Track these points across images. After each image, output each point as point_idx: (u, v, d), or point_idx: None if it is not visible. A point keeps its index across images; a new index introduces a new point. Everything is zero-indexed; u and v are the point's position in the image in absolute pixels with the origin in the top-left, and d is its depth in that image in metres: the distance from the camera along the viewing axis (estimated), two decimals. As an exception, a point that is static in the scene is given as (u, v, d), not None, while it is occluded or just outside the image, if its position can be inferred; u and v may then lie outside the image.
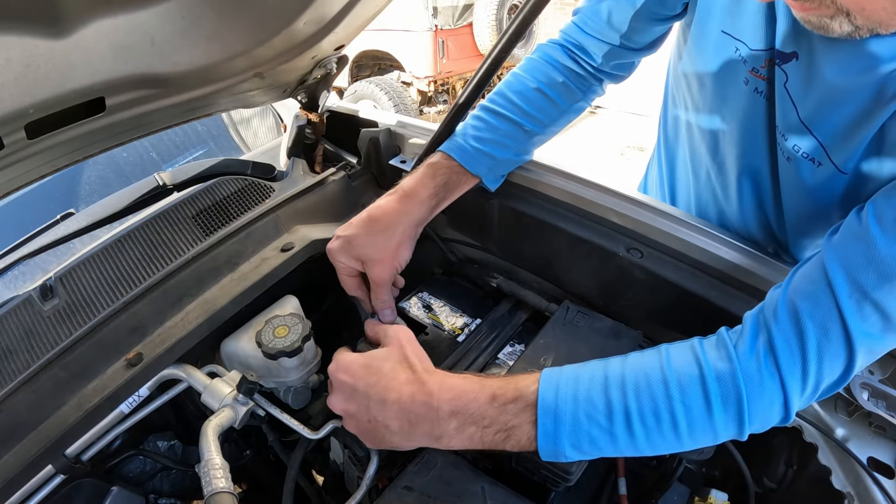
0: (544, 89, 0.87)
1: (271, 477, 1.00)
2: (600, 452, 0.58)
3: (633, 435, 0.56)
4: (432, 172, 0.82)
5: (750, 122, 0.77)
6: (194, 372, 0.76)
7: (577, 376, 0.60)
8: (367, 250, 0.76)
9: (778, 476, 0.79)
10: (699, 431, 0.56)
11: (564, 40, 0.91)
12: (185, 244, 0.86)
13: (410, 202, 0.79)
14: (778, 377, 0.55)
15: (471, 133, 0.85)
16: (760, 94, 0.73)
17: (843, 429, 0.70)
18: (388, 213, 0.78)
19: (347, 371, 0.64)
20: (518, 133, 0.87)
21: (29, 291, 0.77)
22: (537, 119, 0.88)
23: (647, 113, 6.15)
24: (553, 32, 0.94)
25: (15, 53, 0.49)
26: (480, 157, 0.85)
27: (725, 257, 0.80)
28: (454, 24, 5.57)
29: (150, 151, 2.26)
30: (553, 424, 0.57)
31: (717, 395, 0.55)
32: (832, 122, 0.65)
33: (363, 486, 0.68)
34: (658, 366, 0.58)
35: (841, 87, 0.62)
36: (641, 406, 0.56)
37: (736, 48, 0.72)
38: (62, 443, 0.65)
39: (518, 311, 0.92)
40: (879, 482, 0.64)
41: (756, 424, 0.56)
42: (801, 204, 0.78)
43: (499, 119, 0.86)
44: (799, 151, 0.70)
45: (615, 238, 0.87)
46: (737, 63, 0.74)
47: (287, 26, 0.75)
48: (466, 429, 0.59)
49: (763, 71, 0.71)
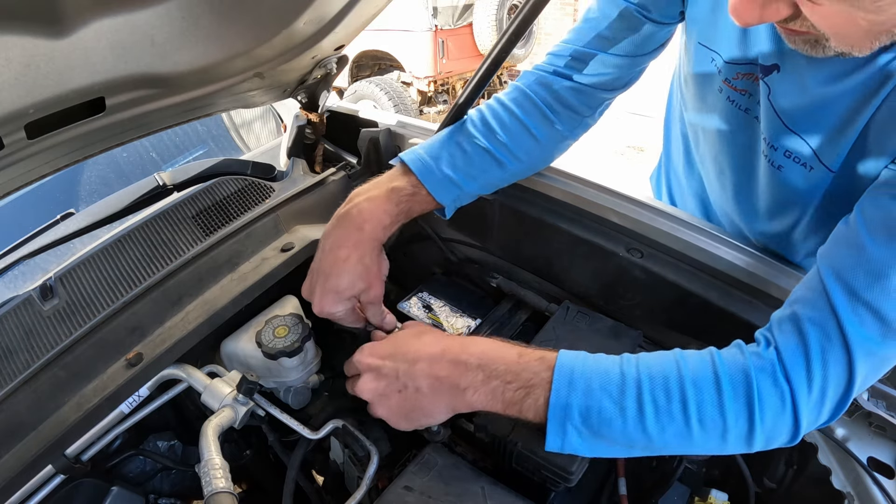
0: (525, 120, 0.82)
1: (271, 477, 1.00)
2: (609, 432, 0.57)
3: (643, 413, 0.56)
4: (396, 199, 0.77)
5: (728, 129, 0.79)
6: (194, 372, 0.76)
7: (595, 356, 0.61)
8: (354, 287, 0.73)
9: (778, 476, 0.79)
10: (709, 421, 0.55)
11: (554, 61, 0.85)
12: (185, 244, 0.86)
13: (373, 229, 0.75)
14: (786, 381, 0.55)
15: (444, 157, 0.81)
16: (733, 103, 0.76)
17: (843, 429, 0.70)
18: (357, 246, 0.74)
19: (373, 353, 0.67)
20: (492, 167, 0.83)
21: (29, 291, 0.77)
22: (514, 154, 0.83)
23: (647, 113, 6.16)
24: (553, 32, 0.94)
25: (15, 53, 0.49)
26: (449, 186, 0.80)
27: (725, 257, 0.80)
28: (454, 24, 5.57)
29: (150, 151, 2.26)
30: (567, 388, 0.57)
31: (728, 382, 0.55)
32: (820, 126, 0.66)
33: (363, 486, 0.68)
34: (672, 358, 0.59)
35: (824, 94, 0.64)
36: (654, 383, 0.56)
37: (711, 59, 0.75)
38: (62, 443, 0.65)
39: (518, 311, 0.92)
40: (879, 482, 0.64)
41: (766, 428, 0.55)
42: (786, 207, 0.79)
43: (476, 149, 0.82)
44: (791, 157, 0.71)
45: (615, 238, 0.87)
46: (712, 73, 0.77)
47: (287, 26, 0.75)
48: (491, 381, 0.60)
49: (737, 83, 0.73)
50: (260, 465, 0.98)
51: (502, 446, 0.66)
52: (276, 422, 0.76)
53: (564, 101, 0.84)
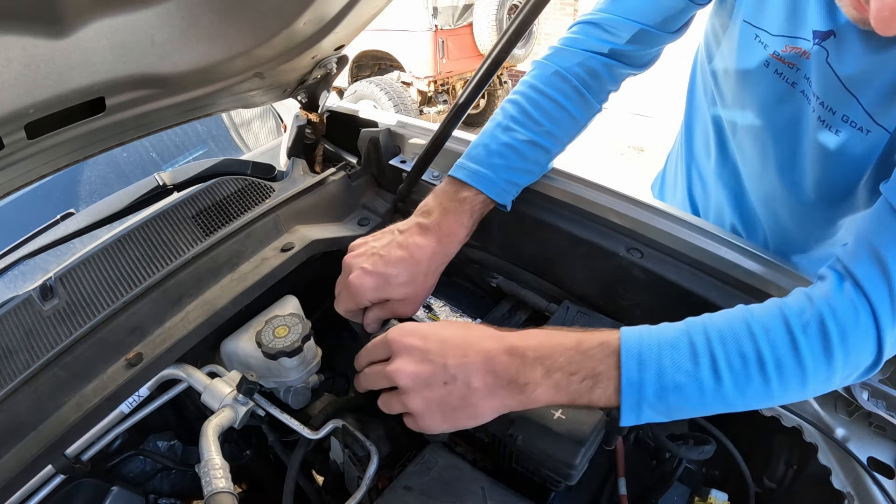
0: (565, 104, 0.85)
1: (271, 477, 1.00)
2: (686, 405, 0.55)
3: (721, 380, 0.54)
4: (469, 210, 0.79)
5: (774, 103, 0.81)
6: (194, 372, 0.76)
7: (657, 328, 0.58)
8: (403, 289, 0.73)
9: (778, 476, 0.79)
10: (788, 371, 0.54)
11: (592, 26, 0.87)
12: (185, 244, 0.86)
13: (450, 243, 0.77)
14: (868, 306, 0.54)
15: (500, 164, 0.82)
16: (781, 76, 0.78)
17: (843, 429, 0.70)
18: (431, 255, 0.75)
19: (415, 334, 0.61)
20: (543, 158, 0.87)
21: (29, 291, 0.77)
22: (558, 138, 0.87)
23: (648, 113, 6.16)
24: (553, 32, 0.95)
25: (15, 53, 0.49)
26: (511, 189, 0.84)
27: (725, 257, 0.80)
28: (454, 24, 5.57)
29: (150, 151, 2.26)
30: (638, 371, 0.54)
31: (800, 329, 0.54)
32: (876, 88, 0.67)
33: (363, 486, 0.68)
34: (740, 315, 0.57)
35: (880, 56, 0.65)
36: (727, 348, 0.54)
37: (755, 35, 0.77)
38: (62, 443, 0.65)
39: (518, 311, 0.92)
40: (879, 482, 0.64)
41: (849, 361, 0.55)
42: (838, 175, 0.79)
43: (527, 145, 0.84)
44: (847, 121, 0.72)
45: (615, 238, 0.87)
46: (758, 50, 0.78)
47: (287, 26, 0.75)
48: (553, 374, 0.56)
49: (786, 55, 0.75)
50: (260, 465, 0.98)
51: (502, 446, 0.66)
52: (276, 422, 0.76)
53: (596, 76, 0.86)
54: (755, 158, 0.91)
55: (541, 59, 0.89)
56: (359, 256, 0.76)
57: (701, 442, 0.72)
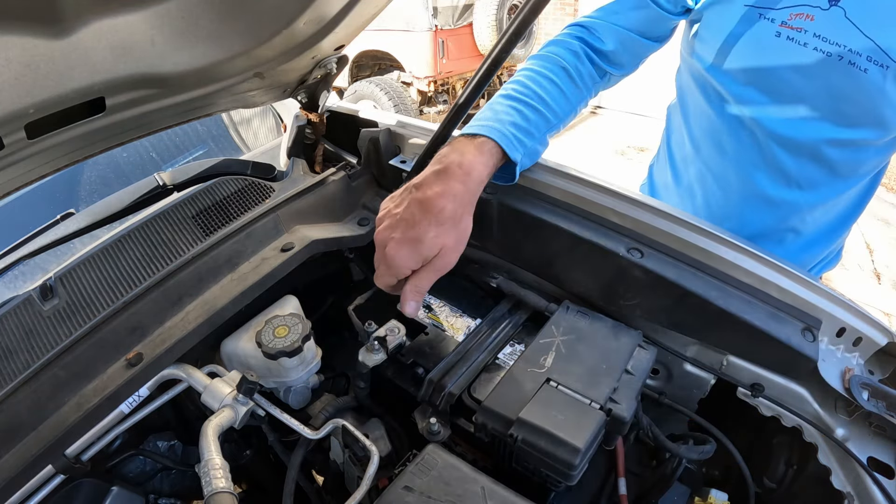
0: (558, 82, 0.95)
1: (271, 477, 1.00)
2: None
3: None
4: (487, 152, 0.79)
5: (797, 64, 0.90)
6: (194, 372, 0.76)
7: None
8: (438, 241, 0.70)
9: (778, 476, 0.79)
10: None
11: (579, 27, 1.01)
12: (185, 244, 0.86)
13: (471, 181, 0.75)
14: None
15: (507, 120, 0.84)
16: (793, 41, 0.88)
17: (843, 429, 0.70)
18: (458, 198, 0.72)
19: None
20: (543, 125, 0.91)
21: (29, 291, 0.77)
22: (554, 111, 0.93)
23: (647, 113, 6.16)
24: (553, 32, 0.96)
25: (15, 53, 0.49)
26: (517, 145, 0.83)
27: (725, 257, 0.80)
28: (454, 24, 5.57)
29: (150, 151, 2.26)
30: None
31: None
32: (892, 29, 0.81)
33: (363, 486, 0.68)
34: None
35: None
36: None
37: (759, 14, 0.89)
38: (62, 443, 0.65)
39: (518, 311, 0.92)
40: (879, 482, 0.64)
41: None
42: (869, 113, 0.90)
43: (529, 108, 0.89)
44: (871, 60, 0.84)
45: (615, 238, 0.87)
46: (765, 26, 0.90)
47: (287, 26, 0.75)
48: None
49: (793, 22, 0.88)
50: (260, 465, 0.98)
51: (502, 446, 0.66)
52: (276, 422, 0.76)
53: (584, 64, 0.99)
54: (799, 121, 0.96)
55: (536, 52, 1.02)
56: (387, 229, 0.73)
57: (701, 442, 0.73)
